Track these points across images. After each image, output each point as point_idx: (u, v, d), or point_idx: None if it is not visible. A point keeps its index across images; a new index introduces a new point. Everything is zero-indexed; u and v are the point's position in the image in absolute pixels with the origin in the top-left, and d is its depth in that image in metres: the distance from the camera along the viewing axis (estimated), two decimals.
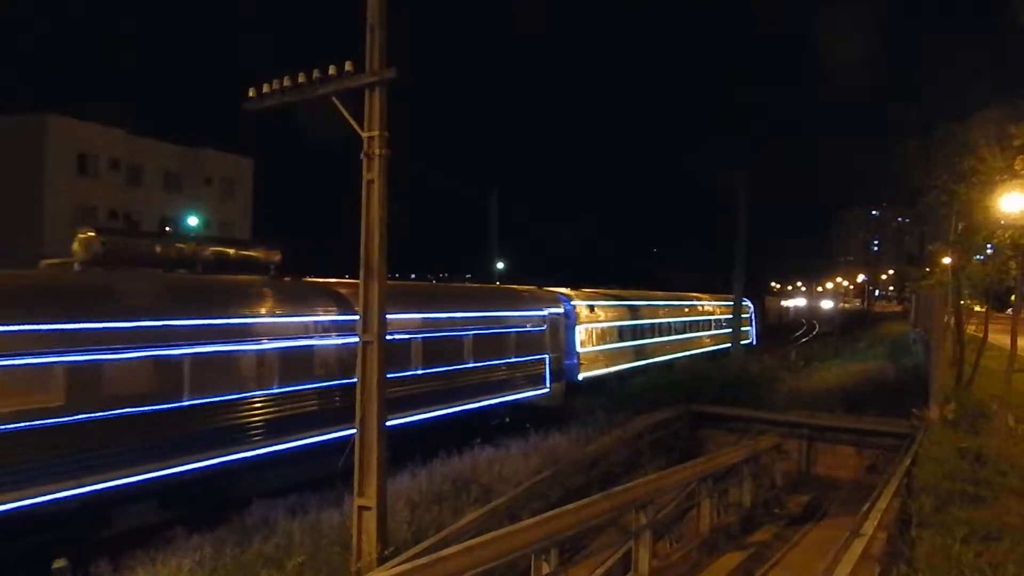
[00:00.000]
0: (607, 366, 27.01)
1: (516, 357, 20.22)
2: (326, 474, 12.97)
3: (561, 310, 23.53)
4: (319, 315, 14.74)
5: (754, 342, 45.32)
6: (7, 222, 44.22)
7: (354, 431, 9.37)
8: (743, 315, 42.70)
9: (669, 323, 34.64)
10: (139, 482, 11.34)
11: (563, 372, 23.29)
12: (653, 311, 33.01)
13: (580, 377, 24.70)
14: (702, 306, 41.31)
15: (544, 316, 21.93)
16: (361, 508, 9.11)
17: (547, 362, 21.77)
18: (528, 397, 20.77)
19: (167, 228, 50.04)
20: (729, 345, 38.45)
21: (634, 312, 30.62)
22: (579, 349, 24.89)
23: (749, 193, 38.81)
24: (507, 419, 19.80)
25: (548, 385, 21.68)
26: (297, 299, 14.68)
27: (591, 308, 26.25)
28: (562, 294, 24.82)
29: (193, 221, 50.09)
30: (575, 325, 24.62)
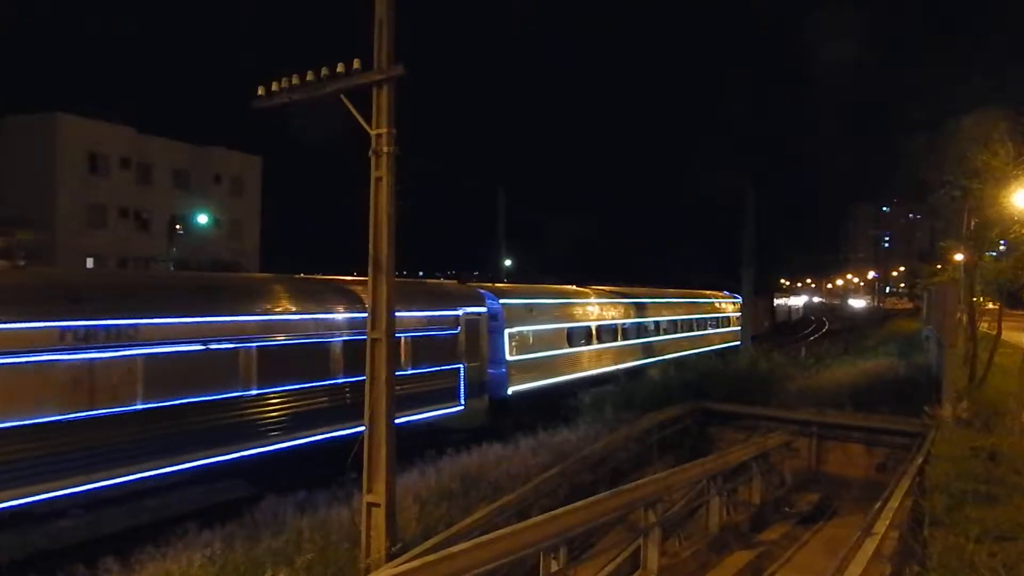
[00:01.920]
0: (549, 376, 22.57)
1: (414, 368, 16.52)
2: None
3: (483, 309, 19.43)
4: (62, 320, 10.71)
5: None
6: (19, 220, 44.49)
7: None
8: (736, 314, 39.91)
9: (643, 323, 29.93)
10: None
11: (485, 385, 19.38)
12: (622, 310, 28.27)
13: (510, 391, 20.57)
14: (694, 304, 36.97)
15: (457, 317, 18.18)
16: (370, 505, 9.10)
17: (461, 373, 18.09)
18: (434, 417, 17.20)
19: (177, 226, 50.28)
20: (728, 345, 36.84)
21: (593, 311, 26.12)
22: (509, 357, 20.61)
23: (757, 191, 38.81)
24: (403, 446, 16.99)
25: (462, 401, 18.11)
26: (30, 299, 10.73)
27: (528, 307, 22.04)
28: (487, 290, 20.89)
29: (203, 219, 50.36)
30: (504, 328, 20.52)
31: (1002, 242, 18.74)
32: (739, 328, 39.62)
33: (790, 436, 16.32)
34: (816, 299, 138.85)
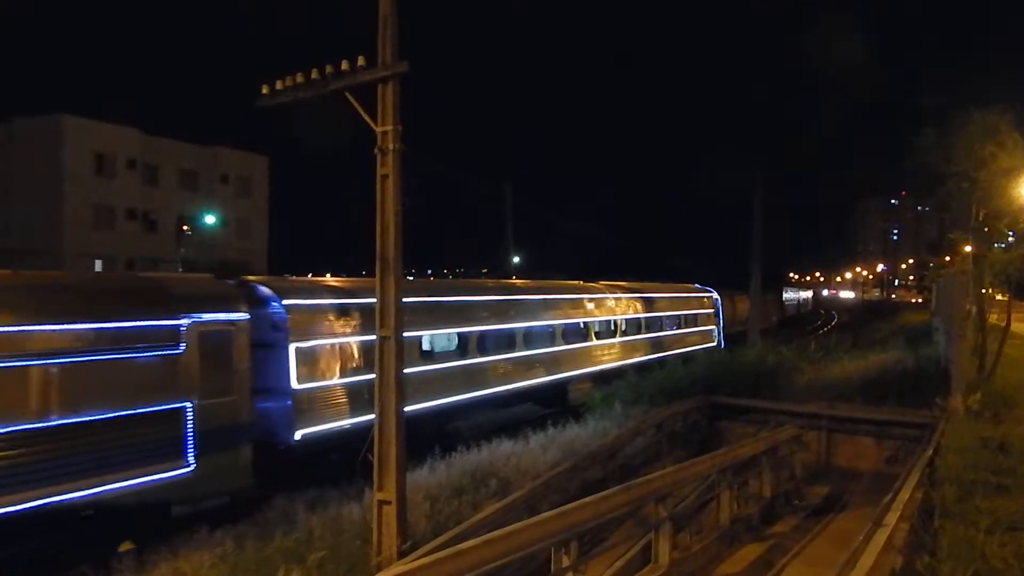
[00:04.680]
0: (366, 409, 14.61)
1: (67, 415, 10.52)
2: None
3: (241, 316, 13.11)
4: None
5: (721, 344, 35.33)
6: (27, 223, 44.78)
7: None
8: (708, 311, 35.47)
9: (560, 327, 22.77)
10: None
11: (246, 430, 13.00)
12: (524, 310, 21.25)
13: (298, 435, 13.91)
14: (648, 301, 29.33)
15: (178, 328, 11.95)
16: (381, 502, 9.15)
17: (188, 416, 11.93)
18: (122, 490, 11.05)
19: (184, 227, 50.46)
20: (696, 348, 31.76)
21: (477, 312, 19.30)
22: (298, 384, 14.04)
23: (765, 186, 38.82)
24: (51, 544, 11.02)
25: (190, 459, 11.89)
26: None
27: (342, 310, 15.30)
28: (264, 286, 14.46)
29: (210, 219, 50.55)
30: (289, 341, 14.02)
31: (1011, 233, 18.67)
32: (713, 328, 35.61)
33: (799, 429, 16.30)
34: (843, 294, 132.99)
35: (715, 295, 36.84)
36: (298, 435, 13.97)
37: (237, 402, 12.93)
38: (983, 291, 20.21)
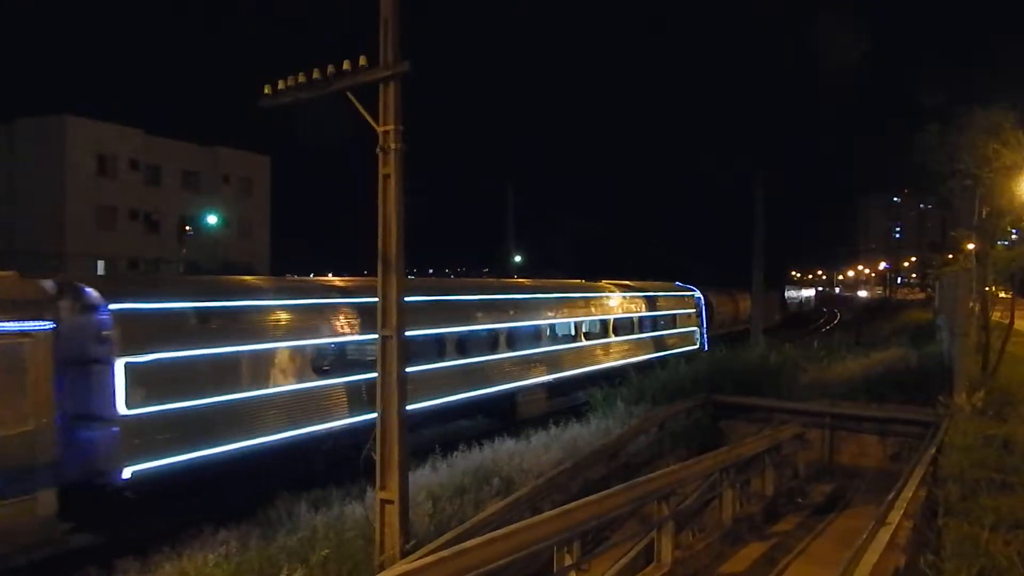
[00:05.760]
0: (229, 437, 12.56)
1: None
2: None
3: (41, 326, 10.30)
4: None
5: (705, 347, 32.69)
6: (29, 223, 44.86)
7: None
8: (688, 311, 32.78)
9: (498, 330, 19.90)
10: None
11: (45, 469, 10.14)
12: (445, 313, 18.07)
13: (129, 471, 11.07)
14: (614, 302, 26.52)
15: None
16: (383, 502, 9.15)
17: None
18: None
19: (187, 227, 50.52)
20: (670, 353, 28.53)
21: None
22: (126, 410, 11.08)
23: (766, 185, 38.78)
24: None
25: None
26: None
27: (200, 316, 12.48)
28: (84, 287, 11.59)
29: (212, 219, 50.60)
30: (114, 357, 11.09)
31: (1014, 231, 18.69)
32: (695, 329, 33.13)
33: (803, 428, 16.29)
34: (861, 293, 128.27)
35: (698, 294, 34.22)
36: (128, 472, 11.05)
37: (33, 434, 10.00)
38: (986, 289, 20.19)
